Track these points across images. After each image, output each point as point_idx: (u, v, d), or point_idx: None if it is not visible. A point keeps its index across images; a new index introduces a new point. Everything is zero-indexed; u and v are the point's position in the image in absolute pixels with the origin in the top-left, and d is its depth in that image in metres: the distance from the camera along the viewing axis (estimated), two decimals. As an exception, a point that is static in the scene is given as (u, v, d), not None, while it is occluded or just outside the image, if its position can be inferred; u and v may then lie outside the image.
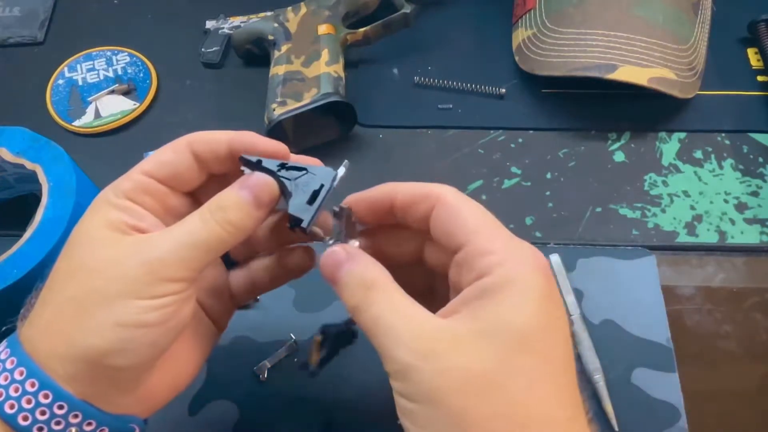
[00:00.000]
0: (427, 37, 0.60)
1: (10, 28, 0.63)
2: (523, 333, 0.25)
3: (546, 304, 0.26)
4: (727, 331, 0.45)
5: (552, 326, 0.26)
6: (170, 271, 0.28)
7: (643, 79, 0.50)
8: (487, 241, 0.27)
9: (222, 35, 0.61)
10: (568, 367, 0.27)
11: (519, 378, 0.25)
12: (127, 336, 0.28)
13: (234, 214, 0.30)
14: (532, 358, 0.25)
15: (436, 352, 0.25)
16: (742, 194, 0.51)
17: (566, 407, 0.26)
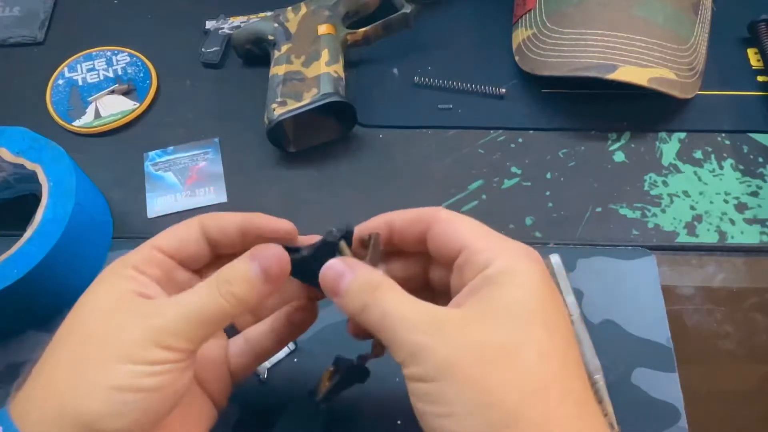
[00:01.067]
0: (427, 37, 0.60)
1: (10, 28, 0.63)
2: (530, 309, 0.27)
3: (545, 288, 0.28)
4: (727, 331, 0.45)
5: (553, 307, 0.28)
6: (170, 340, 0.28)
7: (643, 79, 0.50)
8: (484, 242, 0.30)
9: (222, 35, 0.61)
10: (573, 345, 0.28)
11: (531, 348, 0.26)
12: (121, 400, 0.27)
13: (240, 288, 0.29)
14: (540, 330, 0.27)
15: (448, 329, 0.27)
16: (742, 194, 0.51)
17: (576, 378, 0.27)
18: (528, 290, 0.28)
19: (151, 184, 0.53)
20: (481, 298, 0.28)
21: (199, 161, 0.54)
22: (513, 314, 0.27)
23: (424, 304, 0.28)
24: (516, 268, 0.28)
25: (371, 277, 0.30)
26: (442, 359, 0.26)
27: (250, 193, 0.53)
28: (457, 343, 0.27)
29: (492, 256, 0.29)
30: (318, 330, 0.44)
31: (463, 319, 0.27)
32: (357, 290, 0.30)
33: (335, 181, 0.53)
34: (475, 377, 0.26)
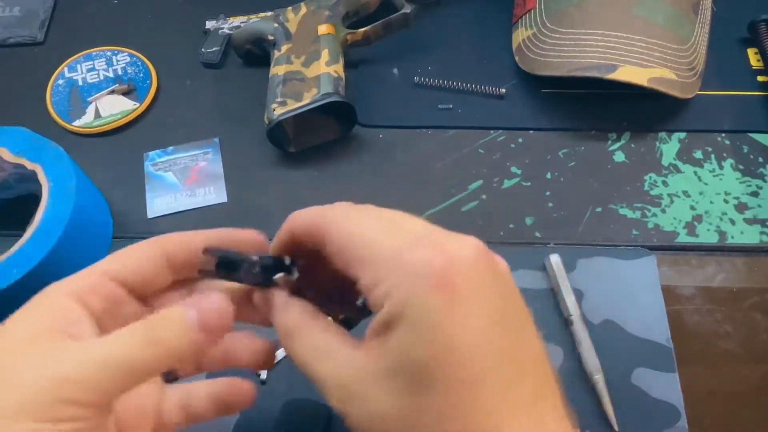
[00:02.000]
0: (427, 37, 0.60)
1: (10, 28, 0.63)
2: (423, 367, 0.24)
3: (443, 328, 0.24)
4: (727, 331, 0.45)
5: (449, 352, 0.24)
6: (75, 393, 0.24)
7: (643, 79, 0.50)
8: (374, 270, 0.25)
9: (222, 35, 0.61)
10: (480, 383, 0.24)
11: (425, 415, 0.24)
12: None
13: (169, 333, 0.26)
14: (434, 393, 0.24)
15: (355, 398, 0.25)
16: (742, 194, 0.51)
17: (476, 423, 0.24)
18: (420, 344, 0.24)
19: (151, 184, 0.53)
20: (381, 351, 0.25)
21: (199, 161, 0.54)
22: (408, 377, 0.24)
23: (336, 353, 0.26)
24: (405, 312, 0.24)
25: (285, 323, 0.28)
26: (357, 428, 0.25)
27: (250, 193, 0.53)
28: (364, 413, 0.25)
29: (382, 294, 0.25)
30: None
31: (367, 381, 0.25)
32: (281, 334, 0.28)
33: (335, 181, 0.53)
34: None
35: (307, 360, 0.27)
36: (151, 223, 0.51)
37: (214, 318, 0.26)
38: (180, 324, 0.26)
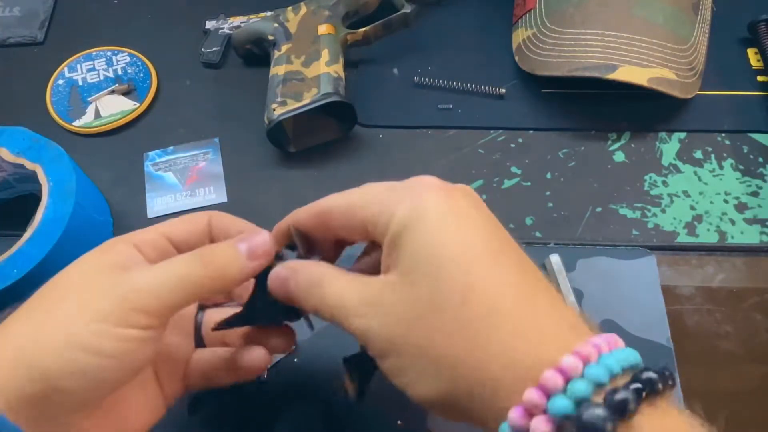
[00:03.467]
0: (427, 37, 0.60)
1: (10, 28, 0.63)
2: (439, 252, 0.26)
3: (448, 215, 0.27)
4: (727, 331, 0.45)
5: (464, 228, 0.27)
6: (143, 302, 0.28)
7: (643, 79, 0.50)
8: (378, 203, 0.29)
9: (222, 35, 0.61)
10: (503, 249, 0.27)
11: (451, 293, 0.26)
12: (77, 358, 0.27)
13: (222, 259, 0.30)
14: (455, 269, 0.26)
15: (378, 307, 0.27)
16: (742, 194, 0.51)
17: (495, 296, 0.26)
18: (433, 229, 0.27)
19: (151, 184, 0.53)
20: (395, 259, 0.28)
21: (199, 161, 0.54)
22: (426, 263, 0.26)
23: (357, 285, 0.29)
24: (415, 212, 0.27)
25: (311, 277, 0.30)
26: (383, 339, 0.27)
27: (250, 193, 0.53)
28: (389, 319, 0.27)
29: (389, 212, 0.28)
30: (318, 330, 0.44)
31: (388, 289, 0.27)
32: (304, 292, 0.30)
33: (335, 181, 0.53)
34: (416, 341, 0.26)
35: (336, 299, 0.29)
36: (151, 223, 0.51)
37: (260, 250, 0.31)
38: (232, 253, 0.30)
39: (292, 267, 0.31)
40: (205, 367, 0.36)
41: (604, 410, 0.22)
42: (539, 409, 0.23)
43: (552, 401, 0.23)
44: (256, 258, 0.31)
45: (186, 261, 0.30)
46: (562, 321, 0.26)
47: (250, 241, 0.31)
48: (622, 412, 0.22)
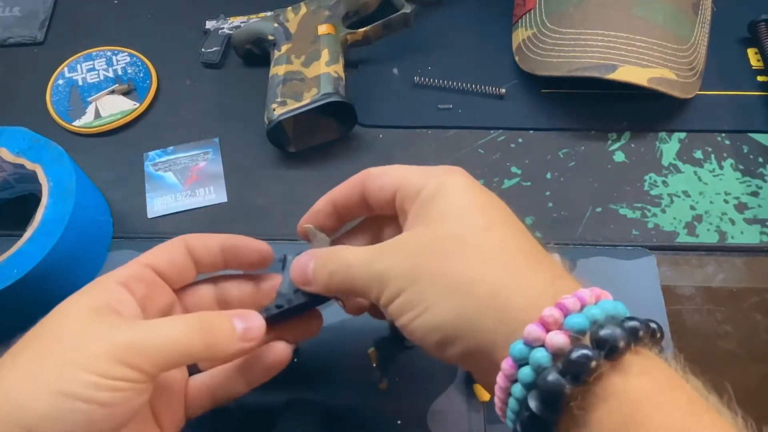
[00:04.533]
0: (427, 37, 0.60)
1: (10, 28, 0.63)
2: (465, 205, 0.30)
3: (475, 188, 0.31)
4: (727, 331, 0.45)
5: (485, 198, 0.31)
6: (134, 358, 0.28)
7: (643, 79, 0.50)
8: (412, 175, 0.33)
9: (222, 35, 0.61)
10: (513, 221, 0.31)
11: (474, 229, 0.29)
12: (69, 407, 0.26)
13: (217, 337, 0.30)
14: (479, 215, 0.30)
15: (399, 248, 0.30)
16: (742, 194, 0.51)
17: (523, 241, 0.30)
18: (459, 193, 0.31)
19: (151, 184, 0.53)
20: (422, 215, 0.31)
21: (199, 161, 0.54)
22: (452, 213, 0.30)
23: (375, 246, 0.31)
24: (445, 183, 0.31)
25: (325, 251, 0.33)
26: (403, 271, 0.29)
27: (250, 193, 0.53)
28: (411, 252, 0.29)
29: (421, 183, 0.31)
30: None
31: (411, 235, 0.31)
32: (321, 267, 0.32)
33: (335, 181, 0.52)
34: (435, 268, 0.28)
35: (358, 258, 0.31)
36: (151, 223, 0.51)
37: (254, 332, 0.32)
38: (229, 330, 0.31)
39: (309, 253, 0.34)
40: (211, 387, 0.36)
41: (621, 329, 0.24)
42: (557, 325, 0.25)
43: (570, 318, 0.25)
44: (249, 341, 0.32)
45: (184, 327, 0.30)
46: (569, 276, 0.29)
47: (247, 322, 0.32)
48: (635, 335, 0.24)
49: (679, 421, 0.23)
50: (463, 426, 0.41)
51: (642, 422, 0.23)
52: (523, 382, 0.25)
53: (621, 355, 0.24)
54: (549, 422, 0.24)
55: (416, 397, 0.42)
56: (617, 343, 0.23)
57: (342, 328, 0.44)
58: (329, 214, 0.36)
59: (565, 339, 0.24)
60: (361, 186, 0.35)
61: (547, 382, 0.24)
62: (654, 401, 0.23)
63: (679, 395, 0.24)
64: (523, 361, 0.25)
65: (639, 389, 0.23)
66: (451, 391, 0.42)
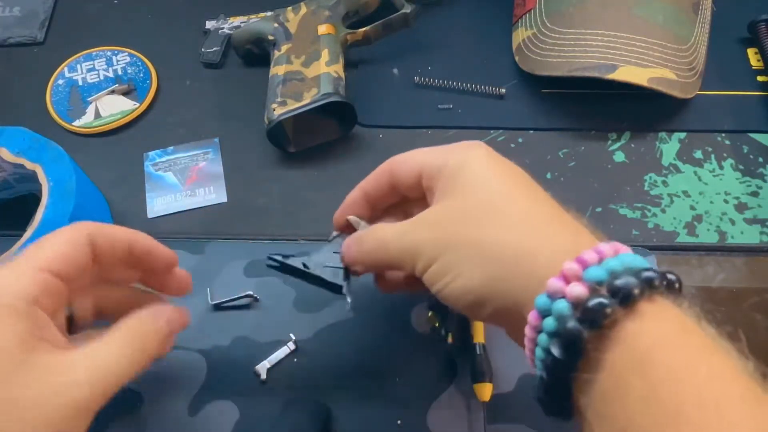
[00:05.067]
0: (427, 37, 0.60)
1: (10, 28, 0.63)
2: (489, 175, 0.32)
3: (496, 160, 0.33)
4: (727, 331, 0.45)
5: (507, 168, 0.33)
6: (93, 406, 0.28)
7: (643, 79, 0.50)
8: (434, 154, 0.34)
9: (222, 35, 0.61)
10: (535, 187, 0.33)
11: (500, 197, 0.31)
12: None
13: (151, 345, 0.32)
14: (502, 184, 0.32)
15: (430, 220, 0.32)
16: (742, 194, 0.51)
17: (547, 206, 0.32)
18: (481, 165, 0.32)
19: (151, 184, 0.53)
20: (448, 189, 0.32)
21: (199, 161, 0.54)
22: (476, 183, 0.31)
23: (407, 220, 0.33)
24: (466, 157, 0.32)
25: (364, 233, 0.36)
26: (434, 241, 0.31)
27: (250, 193, 0.53)
28: (440, 223, 0.31)
29: (444, 160, 0.33)
30: (318, 330, 0.44)
31: (440, 207, 0.32)
32: (361, 244, 0.35)
33: (335, 181, 0.53)
34: (464, 236, 0.30)
35: (393, 233, 0.33)
36: (151, 223, 0.51)
37: (177, 326, 0.34)
38: (159, 335, 0.32)
39: (352, 236, 0.36)
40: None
41: (636, 279, 0.25)
42: (576, 277, 0.26)
43: (588, 270, 0.26)
44: (173, 333, 0.34)
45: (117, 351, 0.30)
46: (591, 233, 0.31)
47: (170, 321, 0.33)
48: (650, 284, 0.25)
49: (690, 360, 0.24)
50: (463, 426, 0.41)
51: (653, 362, 0.24)
52: (547, 331, 0.26)
53: (635, 303, 0.25)
54: (570, 366, 0.26)
55: (416, 397, 0.42)
56: (631, 292, 0.25)
57: (342, 328, 0.45)
58: (362, 205, 0.38)
59: (583, 289, 0.25)
60: (388, 173, 0.36)
61: (566, 329, 0.25)
62: (665, 343, 0.24)
63: (690, 338, 0.25)
64: (547, 312, 0.26)
65: (651, 332, 0.25)
66: (451, 391, 0.42)
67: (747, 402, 0.23)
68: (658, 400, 0.23)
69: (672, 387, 0.23)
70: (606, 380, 0.25)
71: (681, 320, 0.26)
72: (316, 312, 0.45)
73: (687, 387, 0.23)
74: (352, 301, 0.37)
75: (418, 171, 0.34)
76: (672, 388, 0.23)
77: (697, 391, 0.23)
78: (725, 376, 0.24)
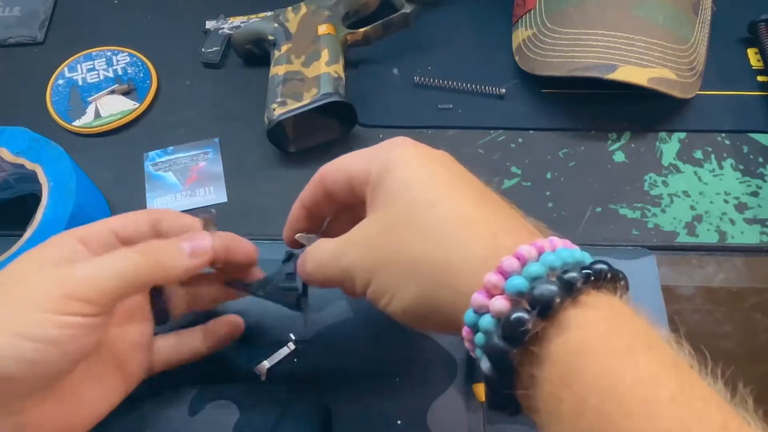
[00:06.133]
0: (427, 37, 0.60)
1: (10, 28, 0.63)
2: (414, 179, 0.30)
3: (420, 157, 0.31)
4: (727, 331, 0.45)
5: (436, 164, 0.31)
6: (83, 291, 0.29)
7: (643, 79, 0.50)
8: (359, 161, 0.33)
9: (222, 35, 0.61)
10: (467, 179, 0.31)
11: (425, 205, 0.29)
12: (21, 346, 0.27)
13: (164, 254, 0.32)
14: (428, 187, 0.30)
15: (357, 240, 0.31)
16: (742, 194, 0.51)
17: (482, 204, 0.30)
18: (402, 168, 0.30)
19: (151, 184, 0.53)
20: (375, 200, 0.31)
21: (199, 161, 0.54)
22: (398, 192, 0.30)
23: (340, 237, 0.32)
24: (388, 161, 0.31)
25: (306, 252, 0.34)
26: (365, 263, 0.30)
27: (250, 193, 0.53)
28: (368, 243, 0.30)
29: (368, 167, 0.32)
30: (317, 330, 0.44)
31: (368, 223, 0.31)
32: (307, 269, 0.34)
33: (335, 181, 0.53)
34: (391, 255, 0.29)
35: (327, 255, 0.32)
36: (151, 223, 0.51)
37: (201, 250, 0.34)
38: (174, 249, 0.33)
39: (304, 257, 0.35)
40: (175, 344, 0.39)
41: (555, 286, 0.24)
42: (498, 290, 0.25)
43: (509, 281, 0.25)
44: (198, 256, 0.34)
45: (128, 254, 0.31)
46: (520, 227, 0.29)
47: (193, 242, 0.34)
48: (570, 289, 0.24)
49: (614, 367, 0.23)
50: (462, 426, 0.41)
51: (578, 374, 0.23)
52: (479, 346, 0.26)
53: (556, 312, 0.24)
54: (504, 382, 0.25)
55: (416, 397, 0.42)
56: (550, 301, 0.24)
57: (342, 328, 0.45)
58: (305, 218, 0.37)
59: (505, 303, 0.25)
60: (321, 186, 0.35)
61: (490, 346, 0.24)
62: (589, 352, 0.23)
63: (617, 341, 0.24)
64: (476, 328, 0.26)
65: (575, 342, 0.24)
66: (451, 391, 0.42)
67: (677, 403, 0.22)
68: (588, 413, 0.22)
69: (598, 397, 0.22)
70: (540, 396, 0.24)
71: (608, 322, 0.24)
72: (316, 312, 0.45)
73: (614, 396, 0.22)
74: (306, 317, 0.38)
75: (347, 181, 0.33)
76: (599, 398, 0.22)
77: (623, 399, 0.22)
78: (654, 377, 0.22)
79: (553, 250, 0.27)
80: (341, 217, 0.38)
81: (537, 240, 0.27)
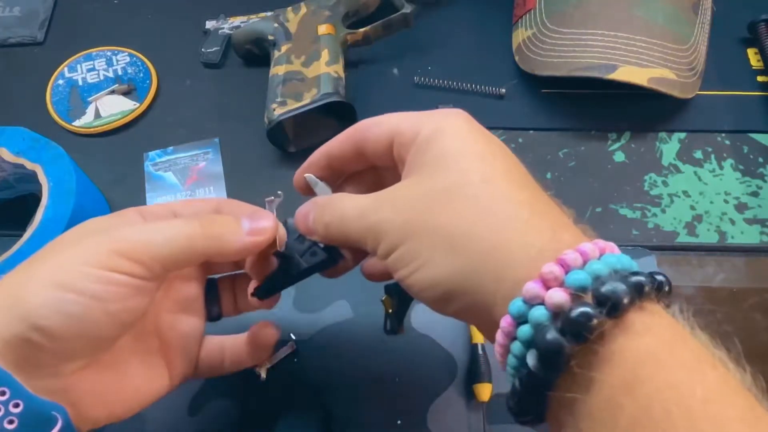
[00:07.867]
0: (427, 37, 0.60)
1: (10, 28, 0.63)
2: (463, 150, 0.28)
3: (473, 131, 0.29)
4: (727, 331, 0.45)
5: (486, 141, 0.29)
6: (132, 250, 0.28)
7: (643, 79, 0.50)
8: (408, 120, 0.31)
9: (222, 35, 0.61)
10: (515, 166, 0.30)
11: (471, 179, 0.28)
12: (63, 297, 0.26)
13: (222, 227, 0.31)
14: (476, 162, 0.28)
15: (394, 199, 0.29)
16: (742, 194, 0.51)
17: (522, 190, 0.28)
18: (457, 137, 0.29)
19: (151, 184, 0.53)
20: (418, 163, 0.29)
21: (199, 161, 0.54)
22: (449, 160, 0.28)
23: (370, 196, 0.30)
24: (441, 126, 0.29)
25: (324, 200, 0.32)
26: (398, 225, 0.28)
27: (250, 193, 0.52)
28: (406, 204, 0.28)
29: (417, 128, 0.30)
30: (317, 331, 0.44)
31: (408, 184, 0.29)
32: (319, 215, 0.32)
33: (335, 181, 0.53)
34: (431, 222, 0.27)
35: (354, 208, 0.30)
36: (151, 223, 0.51)
37: (261, 227, 0.32)
38: (233, 224, 0.31)
39: (311, 201, 0.33)
40: (224, 350, 0.37)
41: (625, 285, 0.23)
42: (557, 282, 0.24)
43: (570, 274, 0.24)
44: (257, 234, 0.31)
45: (184, 221, 0.30)
46: (574, 226, 0.28)
47: (254, 219, 0.32)
48: (640, 291, 0.23)
49: (683, 379, 0.22)
50: (462, 426, 0.41)
51: (644, 381, 0.22)
52: (522, 339, 0.24)
53: (624, 313, 0.23)
54: (548, 380, 0.24)
55: (416, 397, 0.42)
56: (620, 300, 0.22)
57: (342, 328, 0.45)
58: (323, 168, 0.35)
59: (565, 296, 0.23)
60: (356, 138, 0.33)
61: (545, 340, 0.23)
62: (657, 360, 0.22)
63: (684, 352, 0.23)
64: (522, 319, 0.24)
65: (642, 348, 0.22)
66: (451, 391, 0.42)
67: (746, 423, 0.21)
68: (649, 424, 0.21)
69: (663, 409, 0.21)
70: (594, 400, 0.22)
71: (673, 332, 0.23)
72: (316, 312, 0.45)
73: (682, 409, 0.21)
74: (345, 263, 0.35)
75: (389, 137, 0.31)
76: (663, 410, 0.21)
77: (691, 414, 0.21)
78: (722, 395, 0.21)
79: (610, 252, 0.26)
80: (356, 180, 0.36)
81: (598, 240, 0.26)
